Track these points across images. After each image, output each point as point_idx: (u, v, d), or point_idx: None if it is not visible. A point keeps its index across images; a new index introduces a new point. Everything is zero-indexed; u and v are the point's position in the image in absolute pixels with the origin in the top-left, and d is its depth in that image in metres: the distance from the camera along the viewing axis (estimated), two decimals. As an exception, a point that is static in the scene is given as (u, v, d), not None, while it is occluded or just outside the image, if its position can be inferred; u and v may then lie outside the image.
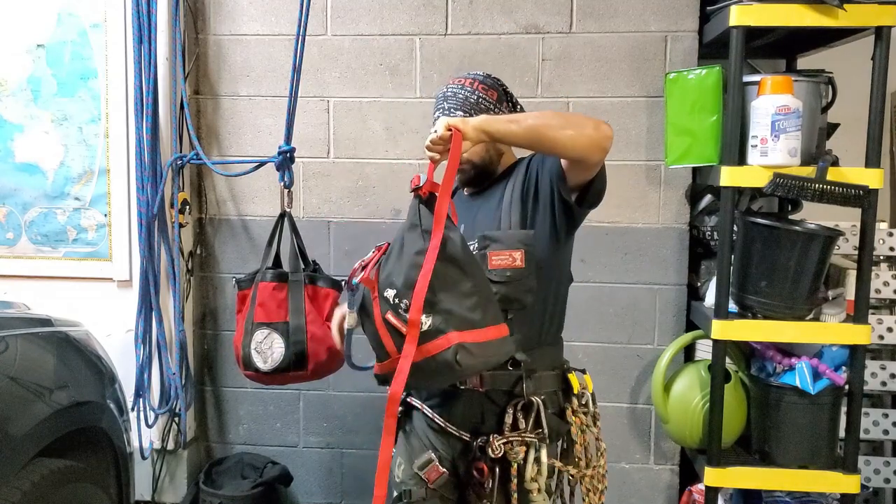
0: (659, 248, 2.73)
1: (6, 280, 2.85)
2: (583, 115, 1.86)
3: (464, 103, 1.86)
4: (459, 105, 1.86)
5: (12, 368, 1.81)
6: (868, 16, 2.15)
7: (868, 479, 2.66)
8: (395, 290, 1.59)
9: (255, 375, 2.35)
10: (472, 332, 1.58)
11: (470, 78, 1.90)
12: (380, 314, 1.61)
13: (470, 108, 1.85)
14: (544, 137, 1.64)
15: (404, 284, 1.58)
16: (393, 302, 1.59)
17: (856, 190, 2.17)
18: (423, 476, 1.85)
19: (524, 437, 1.76)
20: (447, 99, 1.88)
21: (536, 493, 1.76)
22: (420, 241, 1.61)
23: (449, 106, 1.87)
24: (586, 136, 1.63)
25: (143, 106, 2.66)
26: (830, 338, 2.29)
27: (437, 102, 1.91)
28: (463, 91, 1.87)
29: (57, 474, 1.83)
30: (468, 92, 1.87)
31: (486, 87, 1.88)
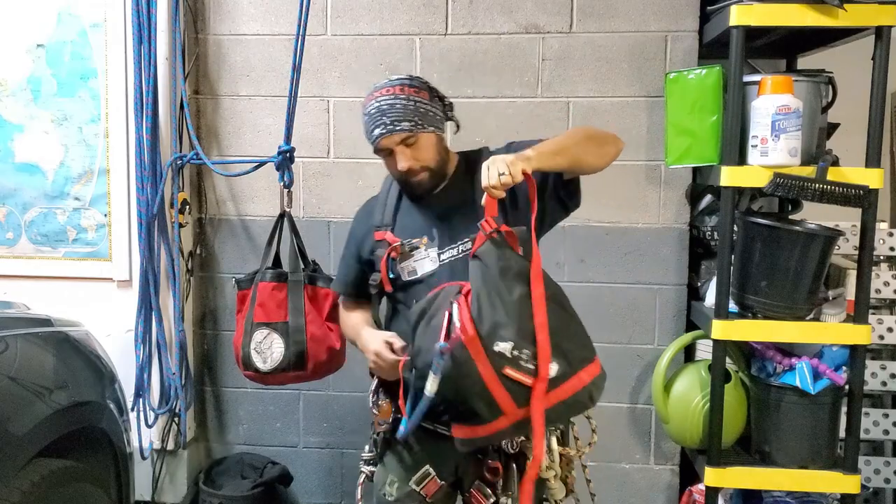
0: (659, 248, 2.73)
1: (6, 280, 2.85)
2: (601, 130, 1.86)
3: (405, 113, 1.77)
4: (402, 116, 1.77)
5: (12, 368, 1.81)
6: (868, 16, 2.14)
7: (868, 479, 2.66)
8: (512, 343, 1.54)
9: (254, 375, 2.35)
10: (591, 366, 1.66)
11: (397, 85, 1.80)
12: (493, 371, 1.54)
13: (415, 117, 1.77)
14: (583, 164, 1.76)
15: (518, 335, 1.55)
16: (511, 355, 1.54)
17: (856, 190, 2.17)
18: (420, 491, 1.85)
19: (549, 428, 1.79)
20: (385, 113, 1.77)
21: (554, 481, 1.80)
22: (518, 285, 1.59)
23: (391, 120, 1.77)
24: (610, 156, 1.80)
25: (143, 106, 2.65)
26: (830, 338, 2.28)
27: (374, 118, 1.79)
28: (398, 100, 1.78)
29: (57, 474, 1.83)
30: (404, 100, 1.78)
31: (418, 90, 1.81)
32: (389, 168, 1.88)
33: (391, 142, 1.79)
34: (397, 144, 1.79)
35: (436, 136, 1.83)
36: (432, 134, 1.82)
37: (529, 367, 1.54)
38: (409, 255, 1.84)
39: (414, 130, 1.78)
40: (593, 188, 2.70)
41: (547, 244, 2.71)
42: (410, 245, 1.84)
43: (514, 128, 2.72)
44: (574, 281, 2.73)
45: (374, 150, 1.85)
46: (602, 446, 2.77)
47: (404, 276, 1.85)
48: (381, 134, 1.79)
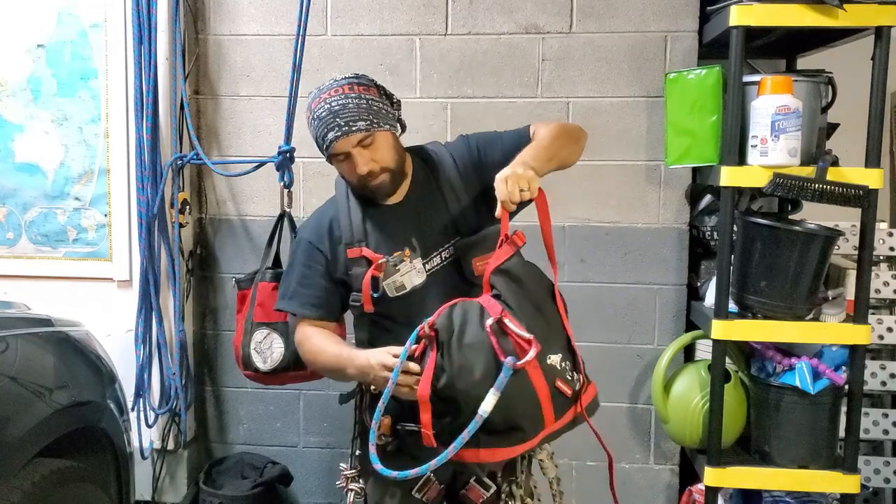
0: (659, 248, 2.73)
1: (6, 280, 2.85)
2: (570, 125, 1.89)
3: (359, 112, 1.70)
4: (356, 115, 1.70)
5: (12, 368, 1.81)
6: (868, 16, 2.14)
7: (868, 479, 2.66)
8: (560, 355, 1.58)
9: (254, 375, 2.35)
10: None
11: (345, 84, 1.74)
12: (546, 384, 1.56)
13: (369, 115, 1.71)
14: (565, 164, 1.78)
15: (563, 347, 1.61)
16: (560, 367, 1.58)
17: (856, 190, 2.17)
18: (423, 498, 1.82)
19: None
20: (338, 115, 1.70)
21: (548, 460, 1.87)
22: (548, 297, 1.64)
23: (345, 121, 1.69)
24: (581, 150, 1.84)
25: (143, 106, 2.65)
26: (830, 338, 2.29)
27: (325, 121, 1.71)
28: (349, 100, 1.71)
29: (57, 474, 1.83)
30: (356, 99, 1.71)
31: (367, 87, 1.75)
32: (346, 175, 1.79)
33: (347, 144, 1.71)
34: (354, 146, 1.71)
35: (391, 135, 1.77)
36: (388, 132, 1.75)
37: (571, 377, 1.60)
38: (395, 270, 1.76)
39: (371, 129, 1.71)
40: (593, 188, 2.72)
41: (547, 244, 2.74)
42: (395, 260, 1.75)
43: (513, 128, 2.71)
44: (574, 281, 2.73)
45: (328, 156, 1.76)
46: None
47: (391, 293, 1.76)
48: (337, 137, 1.70)
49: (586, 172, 2.72)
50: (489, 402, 1.50)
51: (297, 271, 1.87)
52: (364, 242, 1.78)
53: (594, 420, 1.74)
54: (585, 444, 2.76)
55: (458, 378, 1.55)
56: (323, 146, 1.75)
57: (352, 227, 1.80)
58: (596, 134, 2.71)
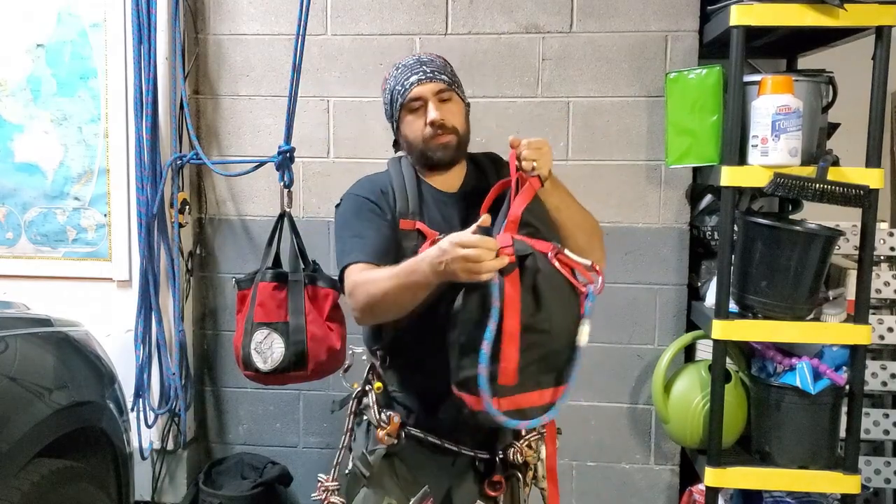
0: (659, 248, 2.72)
1: (6, 280, 2.85)
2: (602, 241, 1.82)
3: (445, 69, 1.76)
4: (443, 69, 1.75)
5: (12, 368, 1.81)
6: (868, 16, 2.14)
7: (868, 480, 2.66)
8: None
9: (254, 375, 2.35)
10: None
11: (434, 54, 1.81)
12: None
13: (454, 77, 1.76)
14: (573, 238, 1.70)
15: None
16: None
17: (856, 190, 2.17)
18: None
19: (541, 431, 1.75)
20: (425, 64, 1.74)
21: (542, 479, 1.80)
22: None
23: (432, 70, 1.73)
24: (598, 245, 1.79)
25: (143, 106, 2.65)
26: (831, 338, 2.28)
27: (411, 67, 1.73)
28: (438, 58, 1.78)
29: (57, 474, 1.83)
30: (443, 61, 1.78)
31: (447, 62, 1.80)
32: (413, 130, 1.73)
33: (428, 90, 1.70)
34: (433, 95, 1.71)
35: (465, 107, 1.78)
36: (463, 103, 1.77)
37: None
38: None
39: (453, 87, 1.74)
40: (593, 188, 2.72)
41: (547, 244, 2.74)
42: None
43: (514, 128, 2.72)
44: (574, 281, 2.73)
45: (402, 103, 1.73)
46: (602, 446, 2.79)
47: None
48: (420, 80, 1.70)
49: (586, 172, 2.72)
50: (585, 333, 1.50)
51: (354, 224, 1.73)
52: (419, 216, 1.73)
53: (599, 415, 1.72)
54: (585, 443, 2.79)
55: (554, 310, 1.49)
56: (401, 92, 1.72)
57: (408, 199, 1.74)
58: (596, 134, 2.72)
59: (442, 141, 1.71)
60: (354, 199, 1.77)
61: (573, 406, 2.77)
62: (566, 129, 2.72)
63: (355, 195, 1.78)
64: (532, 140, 1.57)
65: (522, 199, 1.54)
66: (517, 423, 1.51)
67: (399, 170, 1.80)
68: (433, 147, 1.72)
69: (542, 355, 1.50)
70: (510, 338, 1.45)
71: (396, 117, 1.77)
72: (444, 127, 1.70)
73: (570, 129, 2.72)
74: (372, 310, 1.63)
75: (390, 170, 1.82)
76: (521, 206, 1.54)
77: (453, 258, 1.43)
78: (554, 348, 1.51)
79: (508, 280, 1.46)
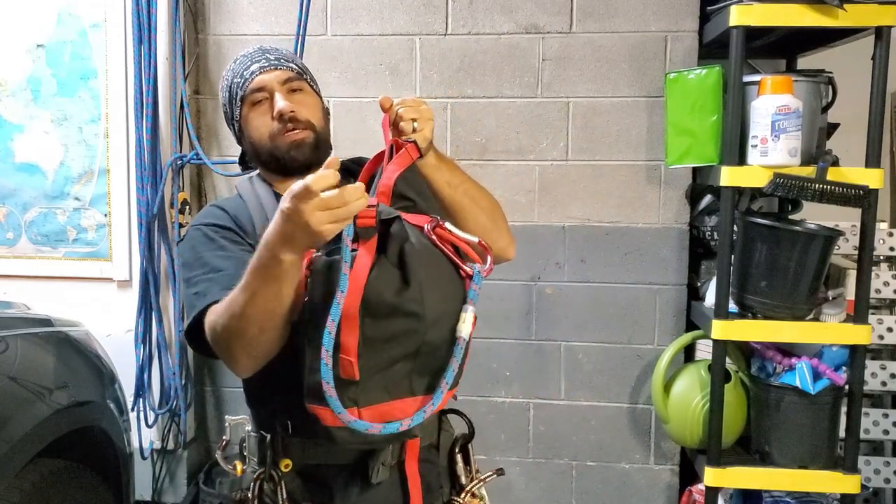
0: (659, 248, 2.73)
1: (6, 280, 2.85)
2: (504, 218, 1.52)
3: (293, 58, 1.50)
4: (290, 58, 1.48)
5: (12, 368, 1.81)
6: (868, 16, 2.14)
7: (868, 480, 2.66)
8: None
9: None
10: None
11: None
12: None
13: (305, 68, 1.51)
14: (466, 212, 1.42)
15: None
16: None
17: (856, 190, 2.17)
18: None
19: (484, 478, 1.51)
20: (268, 52, 1.47)
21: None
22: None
23: (276, 57, 1.47)
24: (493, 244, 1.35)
25: (143, 106, 2.66)
26: (830, 338, 2.28)
27: (252, 56, 1.46)
28: (283, 49, 1.52)
29: (57, 474, 1.83)
30: (292, 53, 1.54)
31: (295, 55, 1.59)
32: (258, 127, 1.45)
33: (273, 78, 1.43)
34: (281, 84, 1.43)
35: (322, 103, 1.51)
36: (318, 98, 1.50)
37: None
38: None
39: (303, 77, 1.47)
40: (593, 188, 2.72)
41: (547, 244, 2.74)
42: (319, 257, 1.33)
43: (514, 128, 2.72)
44: (574, 281, 2.73)
45: (242, 97, 1.45)
46: (602, 446, 2.79)
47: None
48: (262, 68, 1.43)
49: (586, 172, 2.72)
50: (468, 322, 1.20)
51: (202, 263, 1.37)
52: None
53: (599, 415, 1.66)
54: (585, 443, 2.79)
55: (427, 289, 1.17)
56: (240, 84, 1.44)
57: (267, 217, 1.35)
58: (596, 134, 2.72)
59: (294, 137, 1.42)
60: (201, 232, 1.42)
61: (573, 406, 2.77)
62: (566, 129, 2.72)
63: (201, 226, 1.43)
64: (407, 98, 1.34)
65: (396, 166, 1.28)
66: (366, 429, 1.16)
67: (251, 188, 1.50)
68: (283, 146, 1.43)
69: (414, 349, 1.18)
70: (347, 318, 1.13)
71: (237, 117, 1.48)
72: (296, 120, 1.42)
73: (569, 130, 2.72)
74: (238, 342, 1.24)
75: (240, 191, 1.52)
76: (394, 174, 1.27)
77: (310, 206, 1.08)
78: (429, 339, 1.18)
79: (364, 247, 1.17)
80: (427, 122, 1.33)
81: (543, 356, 2.77)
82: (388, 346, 1.17)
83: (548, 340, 2.77)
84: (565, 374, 2.77)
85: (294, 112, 1.42)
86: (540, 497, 2.81)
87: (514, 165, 2.72)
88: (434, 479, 1.47)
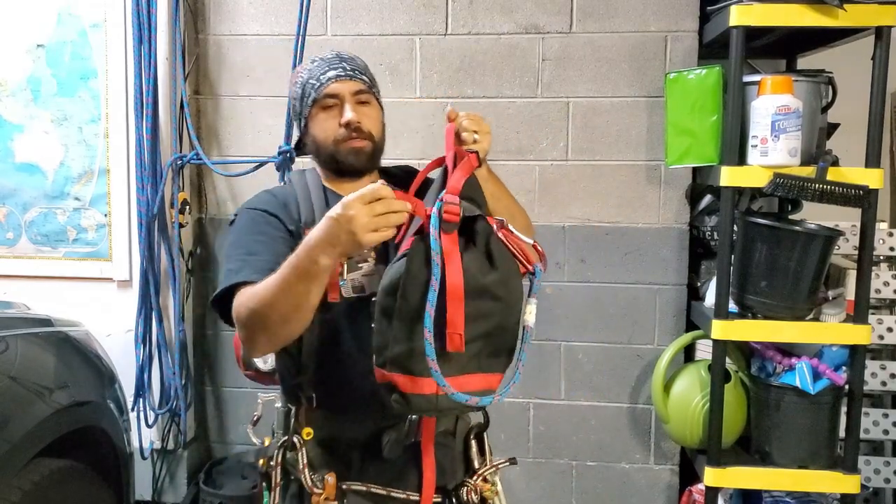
0: (659, 248, 2.73)
1: (6, 280, 2.85)
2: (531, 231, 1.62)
3: (366, 70, 1.61)
4: (364, 70, 1.60)
5: (12, 368, 1.82)
6: (868, 16, 2.14)
7: (868, 479, 2.66)
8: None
9: (254, 375, 2.34)
10: None
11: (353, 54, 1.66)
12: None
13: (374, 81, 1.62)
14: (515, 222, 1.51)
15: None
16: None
17: (856, 190, 2.17)
18: None
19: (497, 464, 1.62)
20: (346, 60, 1.59)
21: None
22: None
23: (352, 67, 1.58)
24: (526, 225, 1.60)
25: (143, 106, 2.66)
26: (830, 338, 2.29)
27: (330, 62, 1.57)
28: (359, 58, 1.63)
29: (57, 474, 1.83)
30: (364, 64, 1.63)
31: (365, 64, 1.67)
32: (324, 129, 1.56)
33: (346, 89, 1.55)
34: (352, 94, 1.55)
35: (382, 115, 1.63)
36: (381, 109, 1.62)
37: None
38: (357, 268, 1.51)
39: (372, 90, 1.60)
40: (593, 188, 2.73)
41: (547, 244, 2.73)
42: (360, 256, 1.51)
43: (514, 128, 2.72)
44: (574, 281, 2.73)
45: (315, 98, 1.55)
46: (602, 446, 2.79)
47: (347, 292, 1.50)
48: (339, 76, 1.54)
49: (586, 172, 2.72)
50: (533, 313, 1.35)
51: (244, 244, 1.51)
52: None
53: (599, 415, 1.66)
54: (585, 443, 2.79)
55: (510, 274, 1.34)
56: (315, 86, 1.55)
57: (313, 210, 1.54)
58: (596, 134, 2.72)
59: (355, 145, 1.55)
60: (250, 214, 1.56)
61: (573, 406, 2.77)
62: (566, 129, 2.73)
63: (252, 209, 1.57)
64: (471, 112, 1.47)
65: (462, 173, 1.38)
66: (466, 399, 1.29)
67: (303, 180, 1.62)
68: (344, 151, 1.55)
69: (489, 330, 1.32)
70: (454, 298, 1.27)
71: (306, 114, 1.59)
72: (360, 130, 1.55)
73: (569, 129, 2.73)
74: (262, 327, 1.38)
75: (293, 182, 1.64)
76: (461, 180, 1.37)
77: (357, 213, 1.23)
78: (503, 323, 1.34)
79: (448, 238, 1.30)
80: (486, 135, 1.46)
81: (543, 356, 2.77)
82: (473, 325, 1.30)
83: (548, 340, 2.77)
84: (565, 374, 2.77)
85: (360, 123, 1.55)
86: (540, 497, 2.81)
87: (514, 165, 2.72)
88: (448, 462, 1.58)
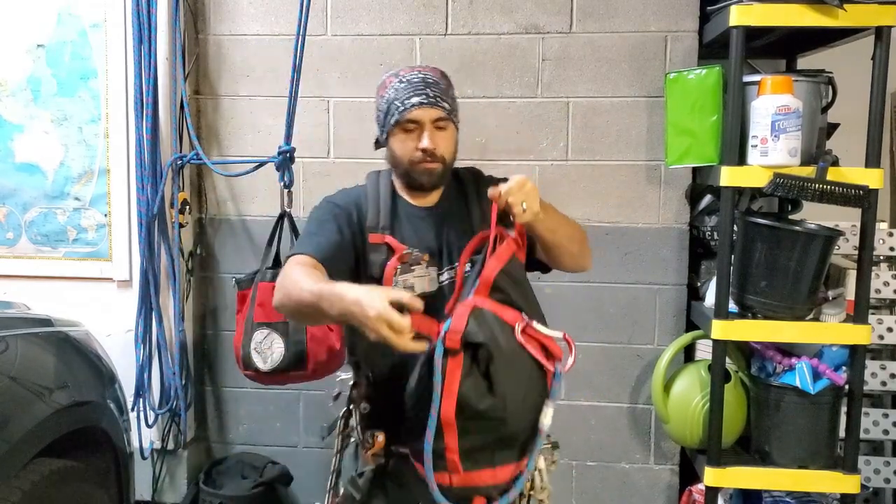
0: (659, 248, 2.73)
1: (6, 280, 2.85)
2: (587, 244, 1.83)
3: (448, 96, 1.71)
4: (446, 96, 1.70)
5: (12, 368, 1.81)
6: (868, 16, 2.15)
7: (868, 479, 2.66)
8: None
9: (254, 375, 2.35)
10: None
11: (439, 70, 1.76)
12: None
13: (454, 105, 1.73)
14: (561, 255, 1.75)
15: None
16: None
17: (856, 190, 2.17)
18: None
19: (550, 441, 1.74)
20: (430, 86, 1.69)
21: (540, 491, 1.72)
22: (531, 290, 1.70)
23: (435, 94, 1.68)
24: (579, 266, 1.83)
25: (143, 106, 2.66)
26: (830, 338, 2.29)
27: (415, 86, 1.68)
28: (442, 81, 1.72)
29: (57, 474, 1.83)
30: (446, 86, 1.73)
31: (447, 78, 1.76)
32: (401, 150, 1.71)
33: (427, 115, 1.67)
34: (431, 122, 1.68)
35: (457, 137, 1.76)
36: (456, 130, 1.75)
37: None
38: (410, 270, 1.66)
39: (451, 116, 1.71)
40: (593, 188, 2.73)
41: (547, 244, 2.74)
42: (414, 259, 1.67)
43: (514, 128, 2.72)
44: (574, 281, 2.73)
45: (398, 120, 1.68)
46: (602, 446, 2.79)
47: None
48: (421, 103, 1.66)
49: (586, 172, 2.72)
50: (549, 416, 1.50)
51: (314, 224, 1.74)
52: (389, 231, 1.71)
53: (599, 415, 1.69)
54: (585, 443, 2.79)
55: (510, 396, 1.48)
56: (399, 109, 1.67)
57: (379, 213, 1.73)
58: (596, 134, 2.72)
59: (428, 167, 1.70)
60: (327, 205, 1.78)
61: (573, 406, 2.77)
62: (566, 129, 2.73)
63: (330, 202, 1.79)
64: (511, 185, 1.54)
65: (497, 262, 1.53)
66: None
67: (376, 184, 1.79)
68: (418, 171, 1.71)
69: (496, 438, 1.50)
70: (447, 426, 1.45)
71: (388, 130, 1.73)
72: (434, 156, 1.69)
73: (569, 129, 2.73)
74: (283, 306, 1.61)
75: (367, 183, 1.81)
76: (495, 270, 1.52)
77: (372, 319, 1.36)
78: (510, 432, 1.51)
79: (453, 362, 1.45)
80: (534, 198, 1.56)
81: (543, 356, 2.77)
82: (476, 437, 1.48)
83: (548, 340, 2.77)
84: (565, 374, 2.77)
85: (435, 149, 1.69)
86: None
87: (514, 165, 2.72)
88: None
